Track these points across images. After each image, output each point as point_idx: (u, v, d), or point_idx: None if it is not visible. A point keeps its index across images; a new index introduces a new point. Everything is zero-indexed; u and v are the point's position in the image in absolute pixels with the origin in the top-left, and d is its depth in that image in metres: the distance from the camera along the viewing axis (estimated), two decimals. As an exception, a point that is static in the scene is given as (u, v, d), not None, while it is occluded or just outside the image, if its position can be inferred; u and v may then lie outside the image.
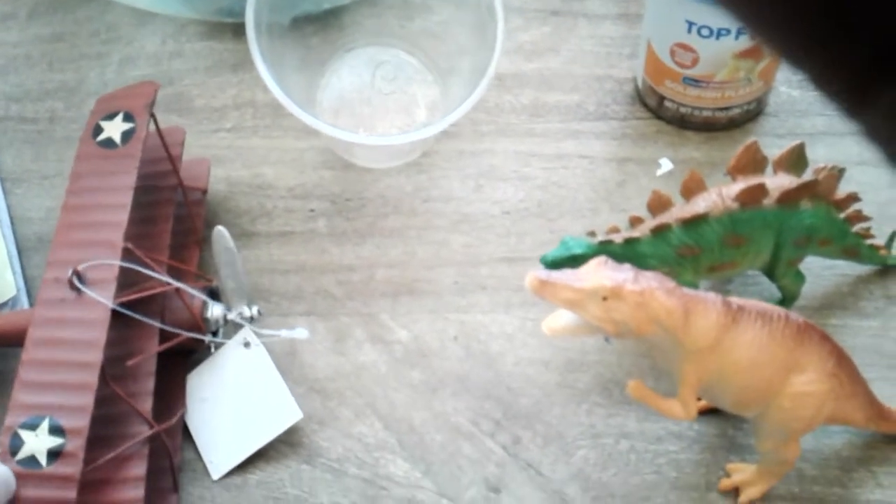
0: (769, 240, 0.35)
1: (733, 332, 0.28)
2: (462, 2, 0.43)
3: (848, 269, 0.39)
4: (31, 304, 0.41)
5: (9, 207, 0.45)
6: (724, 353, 0.29)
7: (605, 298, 0.28)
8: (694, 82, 0.42)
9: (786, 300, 0.37)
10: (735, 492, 0.34)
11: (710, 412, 0.35)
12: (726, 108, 0.44)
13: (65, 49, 0.51)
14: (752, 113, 0.45)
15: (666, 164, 0.44)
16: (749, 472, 0.33)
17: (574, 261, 0.35)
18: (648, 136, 0.45)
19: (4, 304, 0.40)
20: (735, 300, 0.29)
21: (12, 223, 0.45)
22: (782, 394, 0.29)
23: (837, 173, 0.34)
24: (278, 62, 0.42)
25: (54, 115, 0.48)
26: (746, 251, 0.35)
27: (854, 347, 0.33)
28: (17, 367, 0.32)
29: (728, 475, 0.34)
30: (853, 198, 0.35)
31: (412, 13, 0.47)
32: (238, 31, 0.51)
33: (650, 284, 0.28)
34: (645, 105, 0.46)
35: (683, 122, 0.45)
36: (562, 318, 0.29)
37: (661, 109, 0.45)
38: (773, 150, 0.44)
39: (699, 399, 0.32)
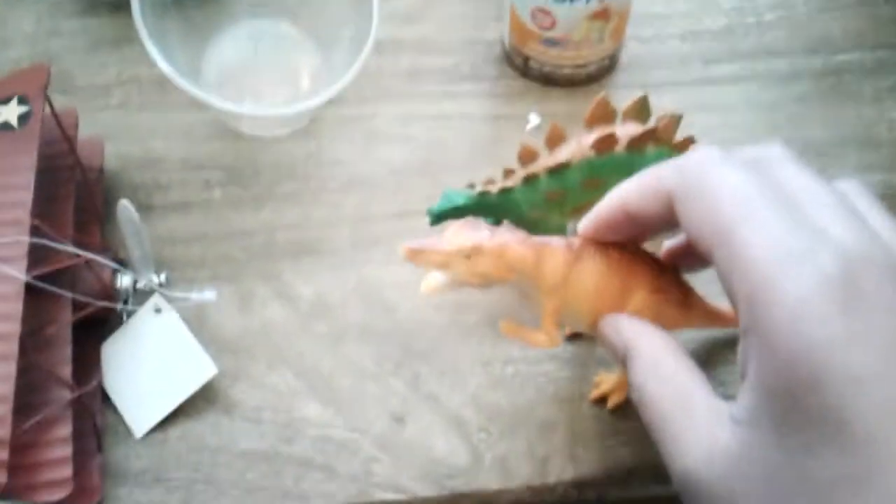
0: (623, 180, 0.40)
1: (578, 267, 0.33)
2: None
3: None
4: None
5: None
6: (573, 286, 0.33)
7: (468, 257, 0.32)
8: (553, 43, 0.47)
9: None
10: (603, 399, 0.39)
11: (578, 336, 0.40)
12: (584, 66, 0.48)
13: (-66, 32, 0.50)
14: (608, 68, 0.50)
15: (534, 119, 0.49)
16: (613, 381, 0.39)
17: (457, 211, 0.39)
18: (517, 94, 0.50)
19: None
20: (576, 240, 0.34)
21: None
22: (624, 311, 0.34)
23: (676, 120, 0.39)
24: (162, 37, 0.43)
25: (-69, 100, 0.48)
26: (605, 191, 0.39)
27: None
28: (-66, 347, 0.33)
29: (597, 386, 0.39)
30: (690, 141, 0.40)
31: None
32: (115, 6, 0.52)
33: (504, 238, 0.32)
34: (513, 65, 0.50)
35: (548, 80, 0.50)
36: (435, 277, 0.33)
37: (527, 69, 0.50)
38: (626, 100, 0.49)
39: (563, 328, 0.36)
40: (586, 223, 0.34)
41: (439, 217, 0.39)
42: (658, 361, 0.30)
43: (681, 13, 0.52)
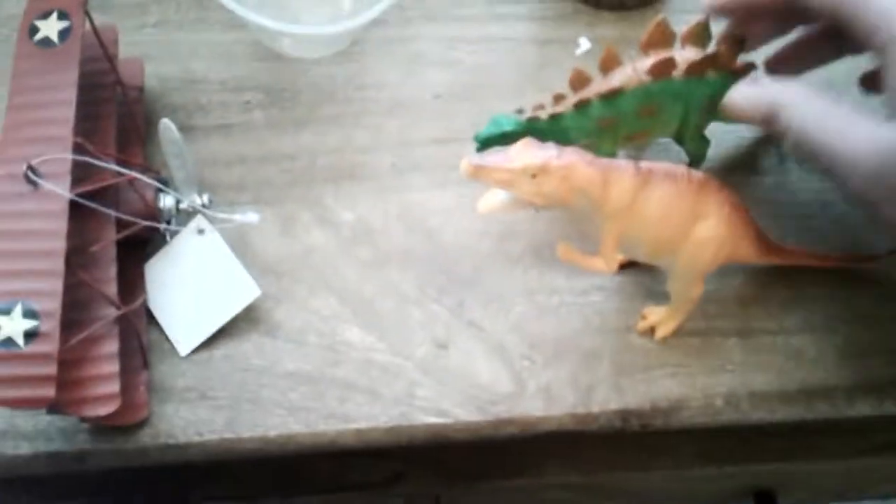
0: (679, 108, 0.38)
1: (645, 192, 0.32)
2: None
3: (746, 131, 0.43)
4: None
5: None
6: (638, 211, 0.32)
7: (533, 175, 0.31)
8: (608, -37, 0.45)
9: (693, 163, 0.41)
10: (651, 331, 0.38)
11: (627, 266, 0.39)
12: (638, -12, 0.46)
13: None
14: (662, -9, 0.48)
15: (584, 44, 0.47)
16: (661, 313, 0.38)
17: (504, 137, 0.38)
18: (567, 17, 0.48)
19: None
20: (644, 163, 0.33)
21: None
22: (688, 240, 0.33)
23: (737, 44, 0.37)
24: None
25: (-30, 18, 0.47)
26: (659, 119, 0.38)
27: (752, 200, 0.38)
28: (-18, 262, 0.33)
29: (644, 318, 0.38)
30: (751, 66, 0.38)
31: None
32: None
33: (572, 158, 0.31)
34: (563, -14, 0.48)
35: (598, 3, 0.47)
36: (495, 197, 0.32)
37: (577, -10, 0.47)
38: (681, 25, 0.47)
39: (619, 255, 0.36)
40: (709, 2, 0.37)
41: (487, 143, 0.38)
42: (811, 102, 0.33)
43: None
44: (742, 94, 0.35)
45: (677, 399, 0.37)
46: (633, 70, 0.37)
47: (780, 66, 0.39)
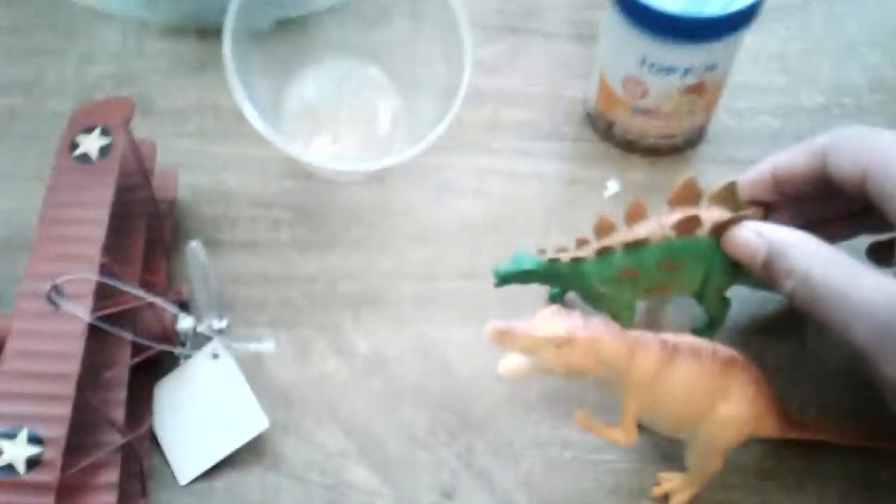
0: (701, 266, 0.38)
1: (669, 368, 0.32)
2: (422, 15, 0.45)
3: (769, 294, 0.43)
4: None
5: (-32, 208, 0.45)
6: (662, 386, 0.32)
7: (558, 345, 0.30)
8: (642, 112, 0.45)
9: (713, 323, 0.40)
10: (665, 497, 0.37)
11: (643, 426, 0.38)
12: (670, 136, 0.47)
13: (20, 42, 0.50)
14: (694, 140, 0.48)
15: (613, 187, 0.47)
16: (677, 481, 0.37)
17: (524, 275, 0.38)
18: (597, 159, 0.48)
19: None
20: (670, 338, 0.33)
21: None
22: (710, 418, 0.33)
23: (763, 211, 0.37)
24: (246, 69, 0.42)
25: (13, 112, 0.48)
26: (680, 275, 0.38)
27: (773, 365, 0.37)
28: (-6, 378, 0.33)
29: (659, 483, 0.37)
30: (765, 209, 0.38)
31: (373, 24, 0.48)
32: (202, 32, 0.52)
33: (598, 330, 0.31)
34: (595, 128, 0.49)
35: (630, 147, 0.48)
36: (517, 360, 0.32)
37: (609, 134, 0.48)
38: (711, 177, 0.47)
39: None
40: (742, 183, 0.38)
41: (505, 279, 0.38)
42: (817, 248, 0.33)
43: (777, 87, 0.50)
44: (744, 234, 0.35)
45: (689, 577, 0.35)
46: (659, 223, 0.37)
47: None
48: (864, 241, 0.40)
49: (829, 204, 0.38)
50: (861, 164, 0.33)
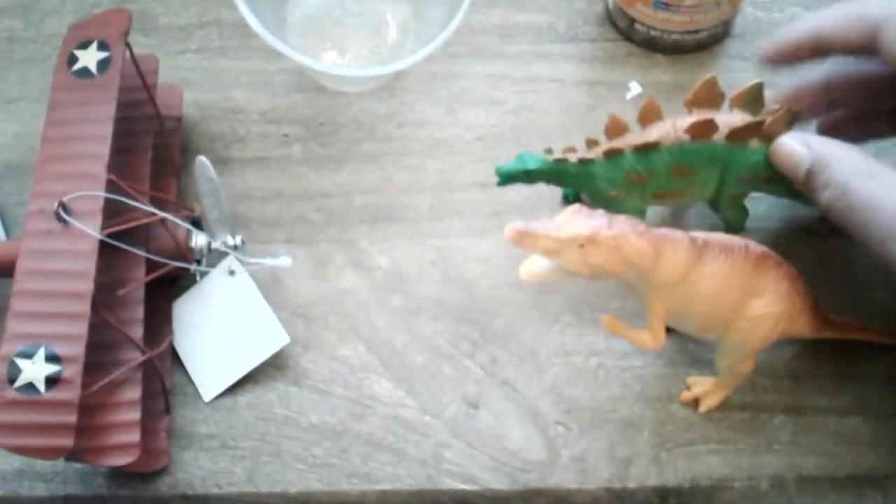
0: (715, 173, 0.36)
1: (699, 267, 0.31)
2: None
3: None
4: (6, 231, 0.41)
5: (-27, 133, 0.44)
6: (691, 286, 0.31)
7: (582, 245, 0.29)
8: (664, 5, 0.43)
9: (730, 231, 0.39)
10: (695, 402, 0.36)
11: (670, 330, 0.37)
12: (695, 31, 0.44)
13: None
14: (720, 36, 0.46)
15: (635, 88, 0.45)
16: (707, 384, 0.36)
17: (527, 175, 0.36)
18: (618, 59, 0.46)
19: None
20: (699, 235, 0.31)
21: (-22, 149, 0.44)
22: (742, 317, 0.32)
23: (788, 116, 0.35)
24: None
25: (12, 36, 0.47)
26: (692, 182, 0.36)
27: (806, 265, 0.35)
28: (9, 297, 0.32)
29: (688, 388, 0.37)
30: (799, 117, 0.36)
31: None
32: (200, -56, 0.49)
33: (623, 229, 0.29)
34: (615, 27, 0.46)
35: (653, 45, 0.46)
36: (538, 263, 0.30)
37: (631, 31, 0.46)
38: (739, 73, 0.45)
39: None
40: (767, 45, 0.36)
41: (508, 178, 0.36)
42: (860, 161, 0.32)
43: (807, -24, 0.47)
44: (789, 144, 0.34)
45: (720, 478, 0.35)
46: (673, 126, 0.35)
47: (833, 131, 0.38)
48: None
49: (866, 96, 0.36)
50: None
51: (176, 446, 0.36)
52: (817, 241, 0.40)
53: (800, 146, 0.34)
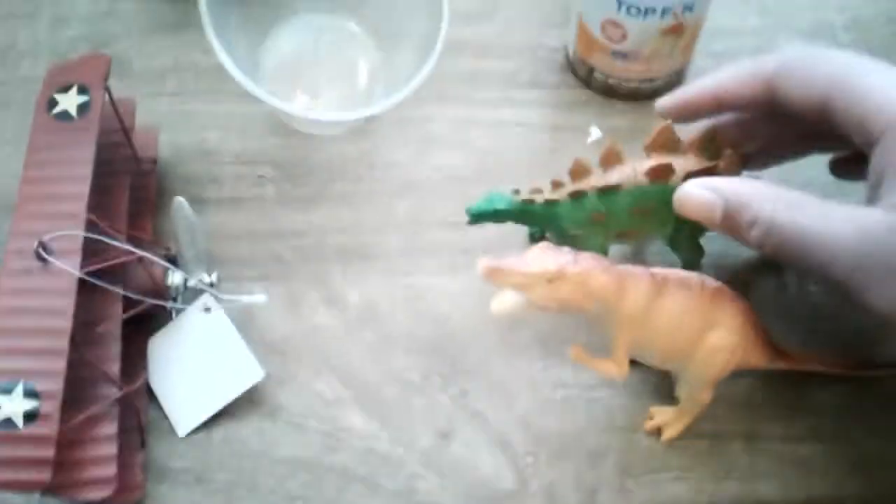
0: (672, 213, 0.38)
1: (659, 301, 0.32)
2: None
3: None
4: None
5: (-52, 173, 0.45)
6: (652, 319, 0.32)
7: (550, 280, 0.31)
8: (621, 56, 0.45)
9: (687, 268, 0.41)
10: (657, 431, 0.38)
11: (634, 363, 0.39)
12: (651, 80, 0.47)
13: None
14: (674, 84, 0.48)
15: (595, 133, 0.47)
16: (669, 414, 0.37)
17: (496, 214, 0.38)
18: (579, 105, 0.48)
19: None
20: (659, 271, 0.33)
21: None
22: (700, 348, 0.33)
23: (739, 159, 0.37)
24: (223, 27, 0.42)
25: (-12, 77, 0.48)
26: (651, 221, 0.38)
27: (758, 301, 0.37)
28: (-14, 336, 0.33)
29: (651, 417, 0.38)
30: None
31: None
32: (172, -8, 0.51)
33: (589, 265, 0.31)
34: (575, 74, 0.49)
35: (611, 92, 0.48)
36: (508, 299, 0.32)
37: (590, 79, 0.48)
38: (693, 131, 0.47)
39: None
40: (668, 101, 0.37)
41: (477, 217, 0.38)
42: (777, 192, 0.31)
43: (753, 29, 0.50)
44: (694, 193, 0.33)
45: (683, 505, 0.36)
46: (633, 169, 0.37)
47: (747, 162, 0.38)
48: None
49: (776, 126, 0.37)
50: (818, 88, 0.32)
51: (151, 480, 0.36)
52: (768, 279, 0.42)
53: (706, 192, 0.33)
